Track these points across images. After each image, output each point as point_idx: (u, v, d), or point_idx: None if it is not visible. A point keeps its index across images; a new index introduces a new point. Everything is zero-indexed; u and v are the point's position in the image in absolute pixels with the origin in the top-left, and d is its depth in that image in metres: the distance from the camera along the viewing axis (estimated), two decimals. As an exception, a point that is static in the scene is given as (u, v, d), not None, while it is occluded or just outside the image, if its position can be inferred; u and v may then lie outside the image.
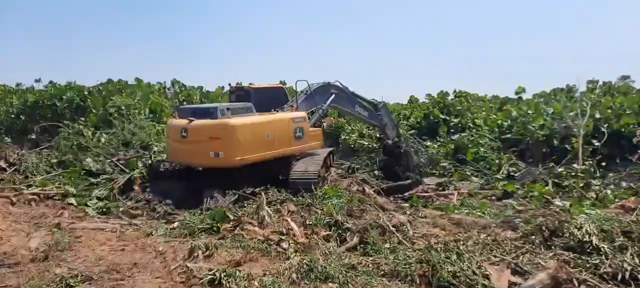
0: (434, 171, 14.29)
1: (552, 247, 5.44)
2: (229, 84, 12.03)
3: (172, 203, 9.21)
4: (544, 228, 5.73)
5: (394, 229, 6.78)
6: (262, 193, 8.65)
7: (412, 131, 17.56)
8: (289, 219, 7.00)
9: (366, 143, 16.70)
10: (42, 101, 18.01)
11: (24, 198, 8.88)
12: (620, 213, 7.63)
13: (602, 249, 5.16)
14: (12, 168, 10.82)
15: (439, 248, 5.22)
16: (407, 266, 5.15)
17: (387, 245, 6.16)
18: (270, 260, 5.48)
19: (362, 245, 6.35)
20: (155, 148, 13.26)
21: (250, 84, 11.58)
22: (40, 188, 9.58)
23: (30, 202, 8.76)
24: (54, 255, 5.57)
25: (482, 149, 14.77)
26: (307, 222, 7.04)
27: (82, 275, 4.89)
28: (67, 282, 4.70)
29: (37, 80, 20.75)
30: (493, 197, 10.68)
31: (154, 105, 16.77)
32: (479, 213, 8.48)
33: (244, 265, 5.18)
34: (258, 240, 6.22)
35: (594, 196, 9.95)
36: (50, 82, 20.43)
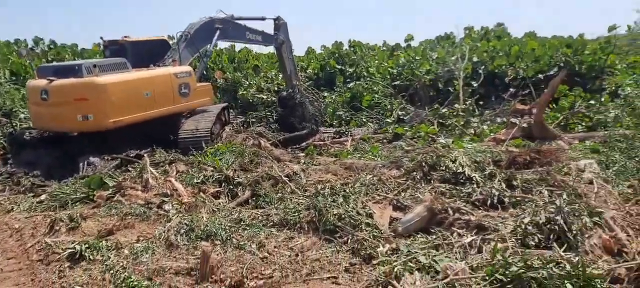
0: (332, 121, 14.46)
1: (431, 181, 5.72)
2: (101, 38, 10.61)
3: (40, 174, 8.17)
4: (423, 164, 5.99)
5: (286, 179, 6.67)
6: (146, 156, 8.01)
7: (310, 82, 17.49)
8: (173, 179, 6.53)
9: (265, 97, 16.32)
10: None
11: None
12: (493, 145, 8.33)
13: (474, 178, 5.53)
14: None
15: (325, 193, 5.20)
16: (296, 214, 5.09)
17: (279, 195, 6.04)
18: (149, 224, 5.05)
19: (254, 199, 6.17)
20: (22, 115, 11.67)
21: (125, 37, 10.37)
22: None
23: None
24: None
25: (376, 96, 15.21)
26: (195, 181, 6.64)
27: None
28: None
29: None
30: (385, 140, 11.08)
31: (16, 66, 14.55)
32: (370, 157, 8.71)
33: (118, 233, 4.70)
34: (138, 204, 5.71)
35: (473, 132, 10.77)
36: None
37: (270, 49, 16.80)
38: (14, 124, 10.77)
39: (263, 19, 12.43)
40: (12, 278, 4.03)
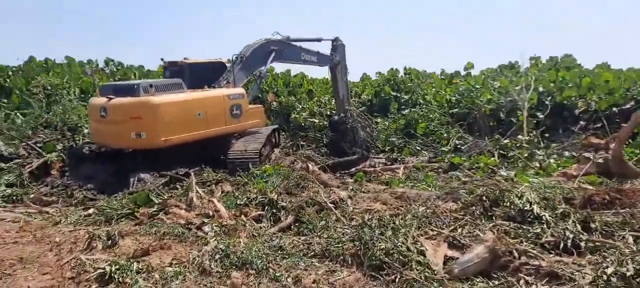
0: (384, 148, 13.96)
1: (493, 218, 5.09)
2: (162, 59, 10.92)
3: (94, 187, 8.34)
4: (484, 198, 5.39)
5: (331, 206, 6.29)
6: (192, 174, 7.97)
7: (363, 108, 17.16)
8: (215, 200, 6.34)
9: (317, 121, 16.18)
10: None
11: None
12: (563, 181, 7.50)
13: (543, 217, 4.86)
14: None
15: (373, 225, 4.75)
16: (340, 245, 4.68)
17: (323, 223, 5.65)
18: (186, 246, 4.82)
19: (296, 225, 5.83)
20: (86, 131, 12.26)
21: (185, 58, 10.62)
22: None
23: None
24: None
25: (432, 124, 14.59)
26: (238, 202, 6.43)
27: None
28: None
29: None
30: (440, 170, 10.43)
31: (86, 84, 15.43)
32: (423, 186, 8.14)
33: (153, 254, 4.50)
34: (178, 224, 5.54)
35: (538, 165, 9.89)
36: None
37: (325, 73, 16.73)
38: (76, 139, 11.26)
39: (319, 40, 12.29)
40: (42, 295, 3.93)
